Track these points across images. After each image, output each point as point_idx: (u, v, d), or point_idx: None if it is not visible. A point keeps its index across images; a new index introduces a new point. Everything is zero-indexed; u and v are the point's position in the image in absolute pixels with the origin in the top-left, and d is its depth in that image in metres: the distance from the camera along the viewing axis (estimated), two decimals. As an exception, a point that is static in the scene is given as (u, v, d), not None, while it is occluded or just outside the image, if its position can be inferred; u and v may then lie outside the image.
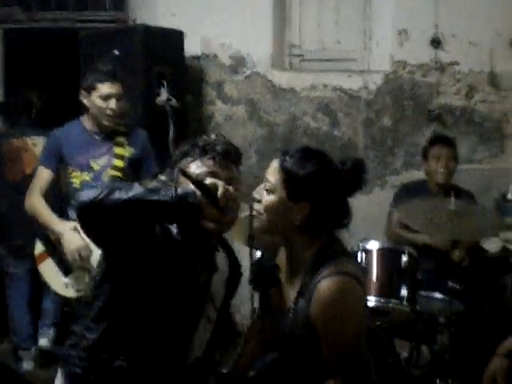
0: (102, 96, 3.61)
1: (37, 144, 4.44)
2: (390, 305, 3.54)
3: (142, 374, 2.06)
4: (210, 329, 2.21)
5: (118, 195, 1.83)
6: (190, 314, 2.11)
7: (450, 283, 3.70)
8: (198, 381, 2.33)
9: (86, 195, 1.88)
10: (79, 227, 2.13)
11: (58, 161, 3.71)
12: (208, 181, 1.96)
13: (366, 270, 3.54)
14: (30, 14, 5.26)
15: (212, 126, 5.33)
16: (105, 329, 2.06)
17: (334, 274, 2.00)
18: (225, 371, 3.19)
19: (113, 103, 3.62)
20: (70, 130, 3.78)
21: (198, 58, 5.23)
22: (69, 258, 3.55)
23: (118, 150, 3.68)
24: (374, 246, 3.65)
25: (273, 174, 2.07)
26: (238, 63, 5.31)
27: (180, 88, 4.71)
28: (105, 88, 3.62)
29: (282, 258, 2.23)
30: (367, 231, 4.75)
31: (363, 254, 3.63)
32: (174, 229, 2.05)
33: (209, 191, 1.92)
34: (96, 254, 3.23)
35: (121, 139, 3.74)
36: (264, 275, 2.28)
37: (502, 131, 5.54)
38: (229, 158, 2.08)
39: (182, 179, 2.01)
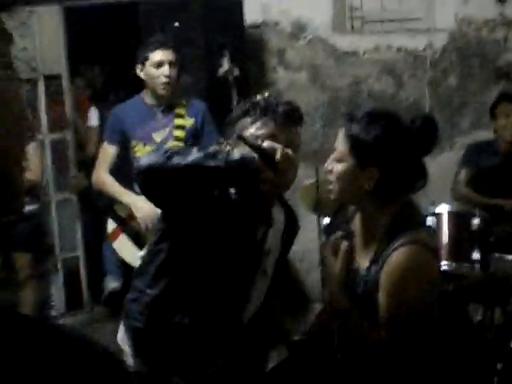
0: (154, 64, 3.61)
1: None
2: (463, 269, 3.49)
3: (201, 330, 2.10)
4: (268, 283, 2.22)
5: (176, 160, 1.85)
6: (247, 268, 2.12)
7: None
8: (257, 338, 2.35)
9: (146, 160, 1.93)
10: None
11: (121, 136, 3.73)
12: (266, 144, 1.94)
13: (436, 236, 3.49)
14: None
15: (275, 94, 5.29)
16: (164, 285, 2.09)
17: (410, 244, 1.97)
18: (297, 338, 3.24)
19: (166, 69, 3.61)
20: (130, 105, 3.81)
21: (258, 26, 5.19)
22: (141, 227, 3.58)
23: (178, 121, 3.69)
24: (444, 209, 3.59)
25: (340, 142, 2.05)
26: (299, 29, 5.26)
27: (241, 57, 4.70)
28: (156, 56, 3.62)
29: (356, 223, 2.20)
30: (437, 194, 4.67)
31: (433, 217, 3.57)
32: (232, 189, 2.06)
33: (267, 155, 1.90)
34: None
35: (180, 110, 3.74)
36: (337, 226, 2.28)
37: None
38: (290, 119, 2.04)
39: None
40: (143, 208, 3.50)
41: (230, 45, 4.51)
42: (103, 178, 3.73)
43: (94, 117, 5.62)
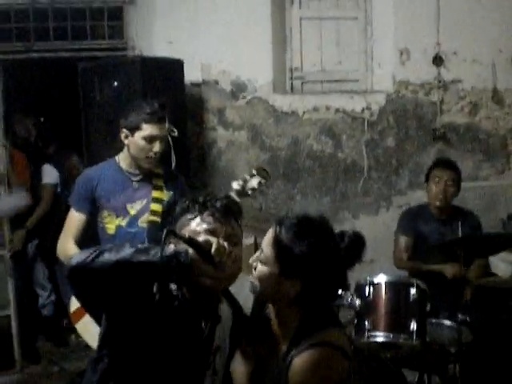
0: (147, 137, 3.34)
1: None
2: (400, 340, 3.47)
3: None
4: (218, 381, 2.16)
5: (106, 256, 1.83)
6: (196, 368, 2.06)
7: (459, 315, 3.65)
8: None
9: (75, 259, 1.88)
10: None
11: (91, 204, 3.43)
12: (201, 238, 1.95)
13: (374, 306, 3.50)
14: (28, 45, 5.22)
15: (214, 153, 5.29)
16: None
17: (315, 346, 1.96)
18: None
19: (157, 146, 3.37)
20: (104, 170, 3.51)
21: (198, 85, 5.20)
22: None
23: (156, 194, 3.44)
24: (381, 279, 3.57)
25: (267, 244, 2.03)
26: (239, 89, 5.28)
27: (181, 116, 4.69)
28: (151, 130, 3.35)
29: (271, 315, 2.17)
30: (374, 252, 4.72)
31: (371, 287, 3.56)
32: (172, 286, 2.02)
33: (202, 249, 1.91)
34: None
35: (159, 182, 3.49)
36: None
37: (506, 148, 5.51)
38: (229, 213, 2.06)
39: (184, 233, 2.00)
40: None
41: (170, 104, 4.49)
42: (68, 248, 3.36)
43: (49, 174, 5.49)
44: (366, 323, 3.51)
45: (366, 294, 3.56)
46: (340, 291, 3.73)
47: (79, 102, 4.72)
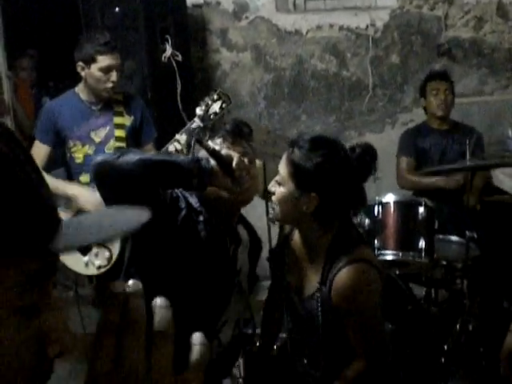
0: (103, 68, 3.42)
1: None
2: (409, 257, 3.56)
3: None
4: (245, 300, 2.25)
5: (132, 155, 1.88)
6: (225, 287, 2.14)
7: (467, 232, 3.72)
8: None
9: (103, 156, 1.96)
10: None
11: (55, 136, 3.55)
12: (223, 151, 2.00)
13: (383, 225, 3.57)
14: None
15: (219, 75, 5.26)
16: None
17: (353, 262, 2.04)
18: (250, 331, 3.29)
19: (114, 75, 3.44)
20: (65, 101, 3.61)
21: (199, 6, 5.12)
22: None
23: (117, 120, 3.53)
24: (390, 198, 3.64)
25: (282, 166, 2.10)
26: (241, 9, 5.20)
27: (184, 40, 4.65)
28: (106, 60, 3.42)
29: (297, 244, 2.25)
30: (380, 169, 4.77)
31: (380, 207, 3.63)
32: (195, 203, 2.07)
33: (224, 161, 1.96)
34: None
35: (119, 108, 3.58)
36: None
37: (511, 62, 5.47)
38: (239, 135, 2.12)
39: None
40: (89, 198, 3.27)
41: (173, 28, 4.45)
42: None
43: None
44: (376, 242, 3.60)
45: (375, 214, 3.63)
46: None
47: (81, 30, 4.67)
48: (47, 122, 3.57)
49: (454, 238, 3.96)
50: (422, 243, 3.54)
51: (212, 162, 1.95)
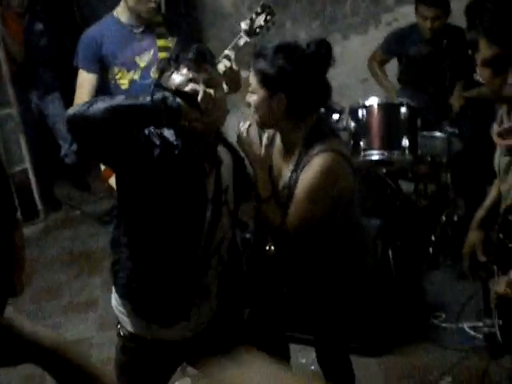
0: None
1: None
2: (393, 156, 3.74)
3: (177, 274, 2.27)
4: (234, 214, 2.44)
5: (100, 104, 1.97)
6: (211, 205, 2.30)
7: (447, 128, 3.88)
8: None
9: (72, 109, 2.02)
10: None
11: (100, 63, 3.40)
12: (188, 87, 2.11)
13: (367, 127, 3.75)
14: None
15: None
16: (134, 239, 2.25)
17: (326, 151, 2.26)
18: (248, 236, 3.50)
19: None
20: (105, 26, 3.43)
21: None
22: None
23: (160, 43, 3.42)
24: (373, 101, 3.78)
25: (252, 76, 2.31)
26: None
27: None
28: None
29: (277, 143, 2.49)
30: (366, 71, 4.91)
31: (364, 110, 3.78)
32: (170, 136, 2.21)
33: (189, 97, 2.07)
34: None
35: (162, 30, 3.43)
36: None
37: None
38: (201, 60, 2.19)
39: None
40: None
41: None
42: None
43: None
44: (361, 143, 3.77)
45: (360, 117, 3.79)
46: (335, 112, 4.01)
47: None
48: (90, 50, 3.40)
49: (437, 133, 4.10)
50: (405, 141, 3.72)
51: (178, 99, 2.05)
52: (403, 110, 3.73)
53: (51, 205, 5.74)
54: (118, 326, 2.41)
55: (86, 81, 3.41)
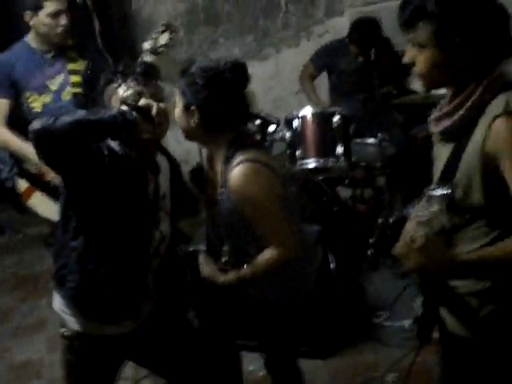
0: (51, 13, 3.41)
1: None
2: (329, 163, 3.87)
3: (120, 277, 2.39)
4: (169, 221, 2.54)
5: (64, 119, 2.09)
6: (151, 211, 2.44)
7: (379, 134, 4.02)
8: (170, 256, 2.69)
9: (37, 124, 2.12)
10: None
11: (12, 88, 3.50)
12: (142, 103, 2.25)
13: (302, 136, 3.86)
14: None
15: (134, 8, 5.36)
16: (83, 242, 2.34)
17: (240, 163, 2.33)
18: (191, 249, 3.57)
19: (63, 19, 3.44)
20: (17, 53, 3.55)
21: None
22: (56, 181, 3.33)
23: (71, 66, 3.56)
24: (307, 111, 3.91)
25: (176, 91, 2.40)
26: None
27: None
28: (53, 5, 3.42)
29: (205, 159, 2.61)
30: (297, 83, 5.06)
31: (298, 120, 3.90)
32: (116, 146, 2.33)
33: (144, 111, 2.23)
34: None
35: (73, 54, 3.57)
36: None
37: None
38: (149, 75, 2.36)
39: (113, 101, 2.32)
40: None
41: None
42: (3, 134, 3.52)
43: None
44: (297, 152, 3.90)
45: (295, 127, 3.92)
46: (273, 125, 4.12)
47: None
48: (2, 77, 3.51)
49: (369, 140, 4.26)
50: (339, 149, 3.85)
51: (134, 113, 2.21)
52: (336, 118, 3.86)
53: (-6, 231, 5.70)
54: (62, 329, 2.50)
55: None
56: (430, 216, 1.72)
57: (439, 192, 1.74)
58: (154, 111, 2.23)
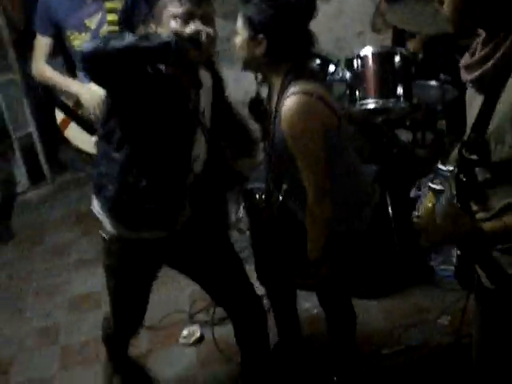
0: None
1: None
2: (389, 104, 3.80)
3: (160, 188, 2.45)
4: (207, 134, 2.56)
5: (114, 43, 2.10)
6: (190, 127, 2.47)
7: (441, 75, 3.93)
8: (214, 183, 2.73)
9: (88, 46, 2.16)
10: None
11: (54, 27, 3.64)
12: (191, 30, 2.25)
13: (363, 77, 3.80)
14: None
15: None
16: (126, 154, 2.39)
17: (294, 94, 2.32)
18: (249, 187, 3.60)
19: None
20: None
21: None
22: (91, 115, 3.64)
23: (109, 4, 3.57)
24: (367, 51, 3.83)
25: (239, 18, 2.40)
26: None
27: None
28: None
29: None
30: (361, 24, 4.98)
31: (358, 60, 3.83)
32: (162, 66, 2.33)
33: (193, 39, 2.24)
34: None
35: None
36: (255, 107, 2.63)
37: None
38: None
39: (164, 17, 2.30)
40: (91, 96, 3.56)
41: None
42: (43, 70, 3.71)
43: None
44: (357, 93, 3.84)
45: (355, 67, 3.85)
46: (330, 64, 4.05)
47: None
48: (44, 15, 3.67)
49: (431, 82, 4.18)
50: (400, 90, 3.77)
51: (183, 42, 2.20)
52: (397, 58, 3.78)
53: (57, 168, 5.84)
54: (102, 233, 2.61)
55: (41, 44, 3.69)
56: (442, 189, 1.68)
57: (446, 168, 1.69)
58: (203, 38, 2.24)
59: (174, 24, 2.26)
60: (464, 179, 1.77)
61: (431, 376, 3.08)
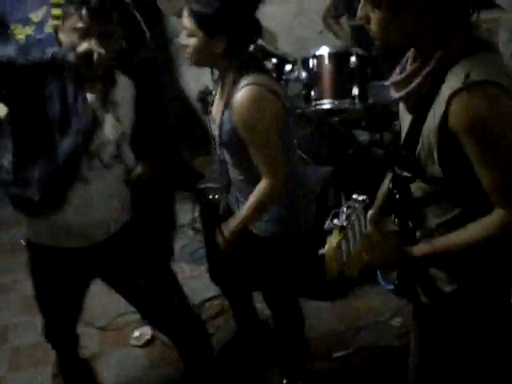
0: None
1: None
2: (344, 105, 3.79)
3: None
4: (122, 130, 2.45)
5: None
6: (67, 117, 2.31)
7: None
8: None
9: None
10: None
11: None
12: (82, 47, 2.18)
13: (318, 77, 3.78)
14: None
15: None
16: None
17: (246, 86, 2.30)
18: (202, 187, 3.57)
19: None
20: None
21: None
22: None
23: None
24: (323, 51, 3.82)
25: (187, 20, 2.32)
26: None
27: None
28: None
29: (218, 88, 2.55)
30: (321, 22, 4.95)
31: (314, 60, 3.82)
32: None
33: (84, 57, 2.18)
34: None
35: None
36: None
37: None
38: (102, 9, 2.20)
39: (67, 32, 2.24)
40: None
41: None
42: None
43: None
44: (313, 93, 3.83)
45: (311, 67, 3.84)
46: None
47: None
48: None
49: (387, 82, 4.15)
50: (355, 90, 3.77)
51: (72, 56, 2.17)
52: (353, 59, 3.78)
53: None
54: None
55: None
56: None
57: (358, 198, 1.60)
58: (94, 58, 2.18)
59: (73, 37, 2.21)
60: (397, 196, 1.74)
61: (382, 378, 3.08)
